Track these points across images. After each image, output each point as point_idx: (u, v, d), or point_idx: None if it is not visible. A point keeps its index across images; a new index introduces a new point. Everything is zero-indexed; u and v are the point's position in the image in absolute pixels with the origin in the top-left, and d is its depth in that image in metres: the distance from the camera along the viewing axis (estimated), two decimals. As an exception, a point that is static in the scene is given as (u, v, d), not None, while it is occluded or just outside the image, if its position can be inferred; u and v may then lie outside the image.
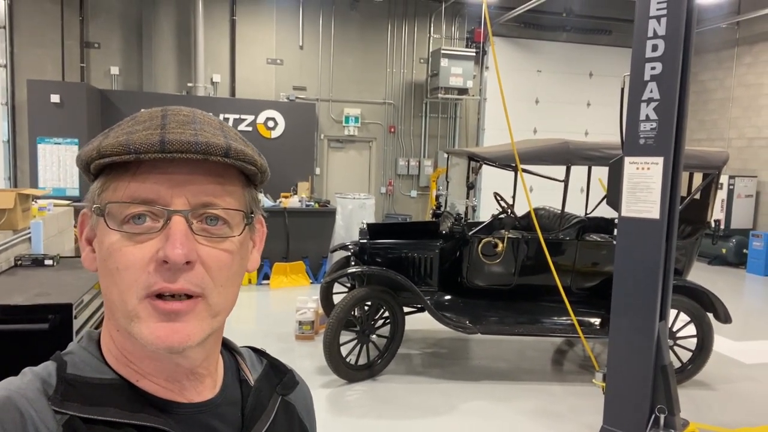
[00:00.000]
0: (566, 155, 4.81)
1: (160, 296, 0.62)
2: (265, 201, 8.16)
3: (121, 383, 0.66)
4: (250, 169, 0.68)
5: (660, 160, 3.01)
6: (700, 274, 8.28)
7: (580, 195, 5.97)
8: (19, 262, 3.35)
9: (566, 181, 4.81)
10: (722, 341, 5.78)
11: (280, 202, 8.25)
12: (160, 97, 9.45)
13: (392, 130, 11.30)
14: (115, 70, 9.75)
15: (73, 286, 2.87)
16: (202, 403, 0.70)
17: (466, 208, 5.68)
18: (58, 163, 8.37)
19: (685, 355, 4.89)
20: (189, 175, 0.64)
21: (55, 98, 8.30)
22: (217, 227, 0.65)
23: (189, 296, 0.63)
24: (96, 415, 0.62)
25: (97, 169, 0.65)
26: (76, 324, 2.59)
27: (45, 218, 3.97)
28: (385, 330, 4.86)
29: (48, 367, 0.65)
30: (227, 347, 0.80)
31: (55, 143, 8.34)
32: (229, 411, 0.72)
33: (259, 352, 0.85)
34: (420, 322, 5.77)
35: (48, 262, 3.36)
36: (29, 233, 3.70)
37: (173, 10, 9.93)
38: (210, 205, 0.64)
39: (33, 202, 4.04)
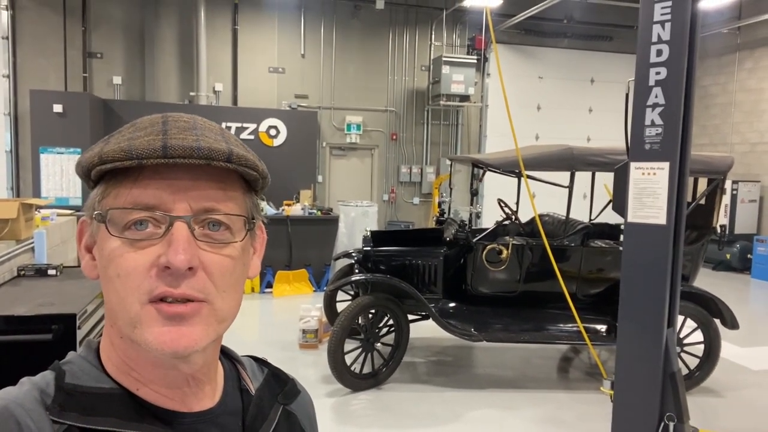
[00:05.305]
0: (570, 161, 4.80)
1: (162, 300, 0.61)
2: (268, 209, 8.16)
3: (120, 392, 0.65)
4: (251, 175, 0.67)
5: (666, 165, 2.99)
6: (705, 280, 8.25)
7: (582, 201, 5.95)
8: (23, 272, 3.34)
9: (570, 187, 4.79)
10: (729, 347, 5.73)
11: (283, 210, 8.24)
12: (163, 107, 9.47)
13: (394, 137, 11.31)
14: (117, 79, 9.77)
15: (76, 296, 2.86)
16: (202, 412, 0.69)
17: (470, 214, 5.67)
18: (61, 172, 8.37)
19: (692, 362, 4.85)
20: (191, 181, 0.63)
21: (57, 108, 8.31)
22: (219, 233, 0.65)
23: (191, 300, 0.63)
24: (95, 425, 0.61)
25: (98, 175, 0.65)
26: (80, 334, 2.57)
27: (48, 228, 3.96)
28: (390, 338, 4.84)
29: (46, 377, 0.64)
30: (228, 356, 0.80)
31: (58, 153, 8.35)
32: (230, 421, 0.71)
33: (260, 361, 0.85)
34: (424, 330, 5.75)
35: (51, 272, 3.35)
36: (32, 243, 3.69)
37: (175, 20, 9.97)
38: (212, 211, 0.64)
39: (36, 212, 4.03)
